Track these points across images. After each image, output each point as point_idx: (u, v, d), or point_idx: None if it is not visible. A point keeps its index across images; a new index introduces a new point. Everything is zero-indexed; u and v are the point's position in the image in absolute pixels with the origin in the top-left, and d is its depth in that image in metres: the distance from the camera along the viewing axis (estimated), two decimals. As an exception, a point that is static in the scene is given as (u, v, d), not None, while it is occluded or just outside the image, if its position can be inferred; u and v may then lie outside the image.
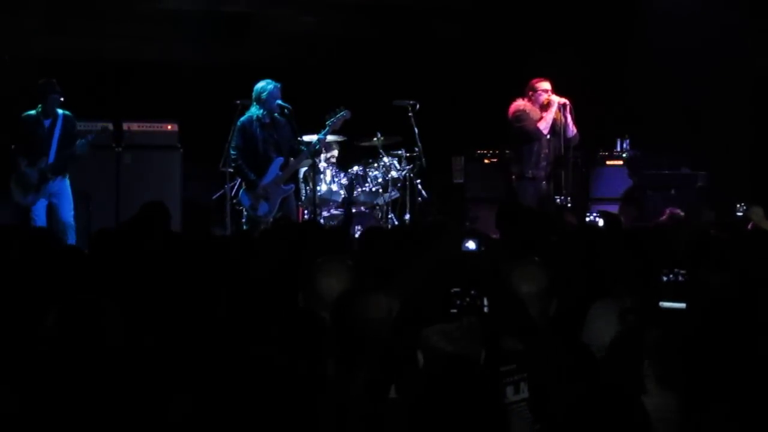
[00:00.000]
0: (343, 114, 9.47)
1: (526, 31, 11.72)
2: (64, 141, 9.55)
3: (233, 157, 9.33)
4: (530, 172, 9.67)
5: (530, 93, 9.67)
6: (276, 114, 9.42)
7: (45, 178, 9.52)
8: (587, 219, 8.54)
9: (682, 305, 3.72)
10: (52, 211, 9.51)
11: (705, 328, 3.26)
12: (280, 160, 9.46)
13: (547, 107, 9.61)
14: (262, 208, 9.39)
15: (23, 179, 9.46)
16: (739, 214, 9.59)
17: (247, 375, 3.15)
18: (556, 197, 9.55)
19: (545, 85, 9.67)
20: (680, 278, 3.82)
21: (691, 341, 3.01)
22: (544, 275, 4.07)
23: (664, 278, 3.82)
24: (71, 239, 9.29)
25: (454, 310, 3.14)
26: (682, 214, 8.44)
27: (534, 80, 9.70)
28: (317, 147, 9.50)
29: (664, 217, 9.01)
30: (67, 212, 9.52)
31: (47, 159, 9.52)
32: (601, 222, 8.14)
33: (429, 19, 12.12)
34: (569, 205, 9.57)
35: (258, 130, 9.37)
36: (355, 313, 3.35)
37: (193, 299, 4.15)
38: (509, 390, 3.45)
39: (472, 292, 3.19)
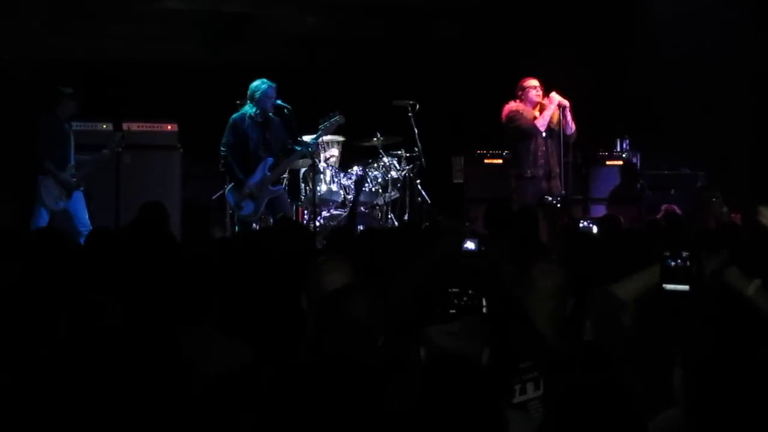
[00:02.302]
0: (337, 119, 9.48)
1: (526, 31, 11.72)
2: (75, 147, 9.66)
3: (223, 153, 9.36)
4: (529, 171, 9.67)
5: (520, 93, 9.72)
6: (270, 114, 9.41)
7: (77, 186, 9.57)
8: (581, 225, 8.51)
9: (686, 287, 3.73)
10: (67, 218, 9.55)
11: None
12: (270, 160, 9.44)
13: (543, 106, 9.63)
14: (247, 207, 9.38)
15: (60, 184, 9.49)
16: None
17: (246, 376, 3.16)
18: (547, 197, 9.53)
19: (533, 82, 9.72)
20: (687, 262, 3.81)
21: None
22: (561, 272, 4.07)
23: (671, 262, 3.81)
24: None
25: (453, 310, 3.15)
26: (679, 212, 8.43)
27: (522, 80, 9.76)
28: (309, 150, 9.49)
29: (660, 214, 9.01)
30: (85, 219, 9.59)
31: (73, 165, 9.58)
32: (595, 228, 8.13)
33: (429, 19, 12.12)
34: (559, 205, 9.56)
35: (249, 128, 9.37)
36: (335, 313, 3.36)
37: (189, 299, 4.15)
38: (529, 387, 3.47)
39: (470, 291, 3.20)
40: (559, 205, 9.45)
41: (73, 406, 2.96)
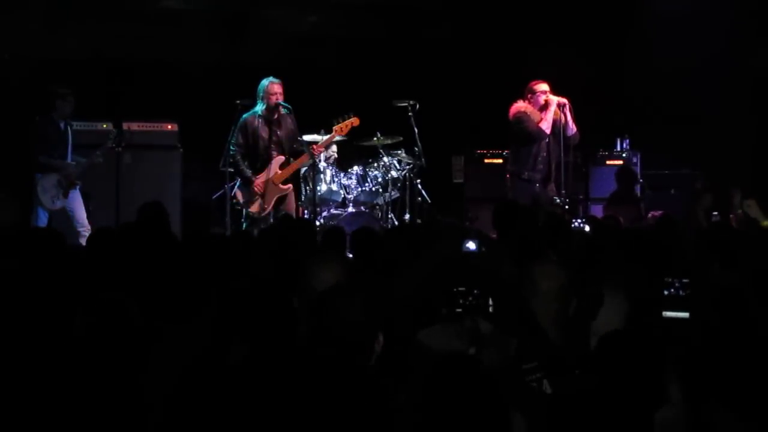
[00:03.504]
0: (351, 121, 9.53)
1: (526, 30, 11.72)
2: (74, 147, 9.66)
3: (231, 152, 9.36)
4: (526, 173, 9.65)
5: (529, 96, 9.65)
6: (284, 111, 9.42)
7: (73, 185, 9.58)
8: (573, 225, 8.49)
9: (685, 314, 3.75)
10: (65, 217, 9.57)
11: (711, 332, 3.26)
12: (281, 158, 9.48)
13: (545, 107, 9.60)
14: (256, 204, 9.41)
15: (56, 184, 9.51)
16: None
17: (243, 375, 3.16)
18: (556, 198, 9.52)
19: (543, 86, 9.65)
20: (681, 292, 3.83)
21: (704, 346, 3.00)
22: (563, 273, 4.06)
23: (667, 290, 3.82)
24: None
25: (459, 309, 3.15)
26: (673, 216, 8.42)
27: (532, 83, 9.69)
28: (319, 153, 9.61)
29: (649, 220, 9.04)
30: (83, 219, 9.60)
31: (71, 164, 9.59)
32: (587, 227, 8.11)
33: (429, 19, 12.12)
34: (567, 207, 9.55)
35: (260, 127, 9.41)
36: (330, 312, 3.36)
37: (188, 298, 4.15)
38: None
39: (475, 291, 3.20)
40: (567, 207, 9.43)
41: (85, 400, 2.97)
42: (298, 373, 3.10)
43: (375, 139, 10.27)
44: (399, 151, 10.20)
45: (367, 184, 10.08)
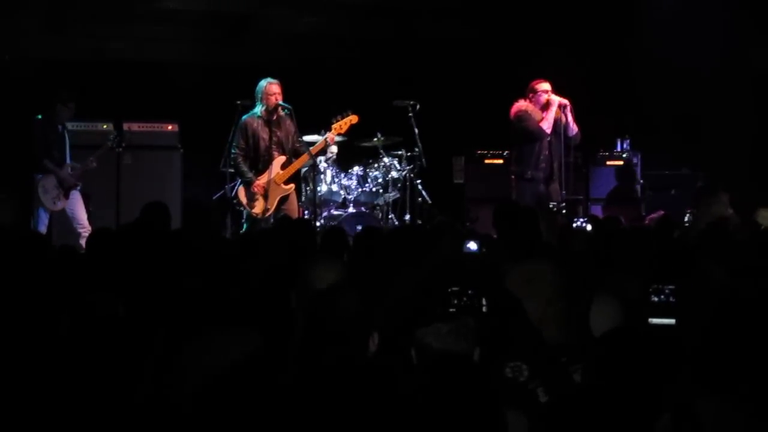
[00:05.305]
0: (349, 118, 9.53)
1: (526, 31, 11.72)
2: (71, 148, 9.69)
3: (233, 154, 9.36)
4: (530, 173, 9.67)
5: (530, 95, 9.67)
6: (284, 112, 9.42)
7: (74, 186, 9.60)
8: (574, 225, 8.48)
9: (672, 321, 3.76)
10: (65, 218, 9.60)
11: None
12: (282, 158, 9.48)
13: (547, 107, 9.61)
14: (258, 205, 9.41)
15: (57, 184, 9.53)
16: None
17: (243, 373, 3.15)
18: (552, 204, 9.51)
19: (545, 86, 9.67)
20: (671, 299, 3.84)
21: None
22: (561, 273, 4.06)
23: (654, 298, 3.83)
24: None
25: (453, 309, 3.15)
26: (670, 216, 8.41)
27: (533, 82, 9.71)
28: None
29: (650, 220, 9.03)
30: (83, 219, 9.63)
31: (69, 165, 9.62)
32: (589, 227, 8.11)
33: (429, 19, 12.12)
34: (564, 210, 9.53)
35: (260, 128, 9.40)
36: (327, 310, 3.37)
37: (189, 298, 4.15)
38: (540, 392, 3.48)
39: (470, 291, 3.20)
40: (564, 211, 9.41)
41: (70, 402, 2.97)
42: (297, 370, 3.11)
43: (375, 139, 10.27)
44: (399, 152, 10.20)
45: (367, 185, 10.08)
